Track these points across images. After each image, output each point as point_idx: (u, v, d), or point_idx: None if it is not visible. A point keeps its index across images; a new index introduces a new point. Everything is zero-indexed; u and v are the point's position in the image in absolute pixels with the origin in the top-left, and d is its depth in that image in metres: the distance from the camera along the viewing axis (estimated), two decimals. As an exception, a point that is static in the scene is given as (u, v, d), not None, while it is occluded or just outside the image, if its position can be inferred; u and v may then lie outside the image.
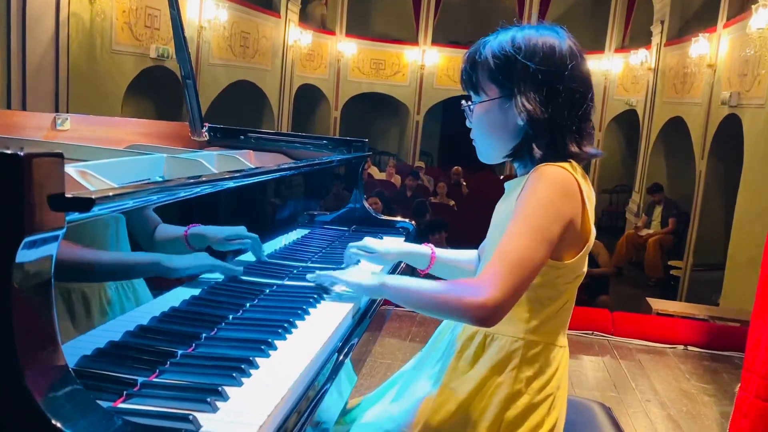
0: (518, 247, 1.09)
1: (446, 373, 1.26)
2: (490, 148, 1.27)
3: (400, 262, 1.67)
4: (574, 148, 1.19)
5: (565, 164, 1.18)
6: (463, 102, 1.29)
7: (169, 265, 1.16)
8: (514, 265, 1.08)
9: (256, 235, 1.46)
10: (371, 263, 1.57)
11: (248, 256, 1.46)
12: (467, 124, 1.29)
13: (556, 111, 1.18)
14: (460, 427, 1.21)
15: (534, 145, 1.18)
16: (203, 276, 1.26)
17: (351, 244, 1.55)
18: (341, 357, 1.16)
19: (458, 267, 1.51)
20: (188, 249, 1.22)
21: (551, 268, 1.17)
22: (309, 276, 1.43)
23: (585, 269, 1.23)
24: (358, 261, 1.56)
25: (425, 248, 1.54)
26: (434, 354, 1.33)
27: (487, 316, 1.07)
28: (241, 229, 1.42)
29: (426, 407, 1.24)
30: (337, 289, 1.40)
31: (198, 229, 1.23)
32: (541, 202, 1.13)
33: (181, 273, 1.20)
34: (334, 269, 1.44)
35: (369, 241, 1.56)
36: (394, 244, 1.60)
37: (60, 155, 0.71)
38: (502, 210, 1.27)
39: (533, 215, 1.12)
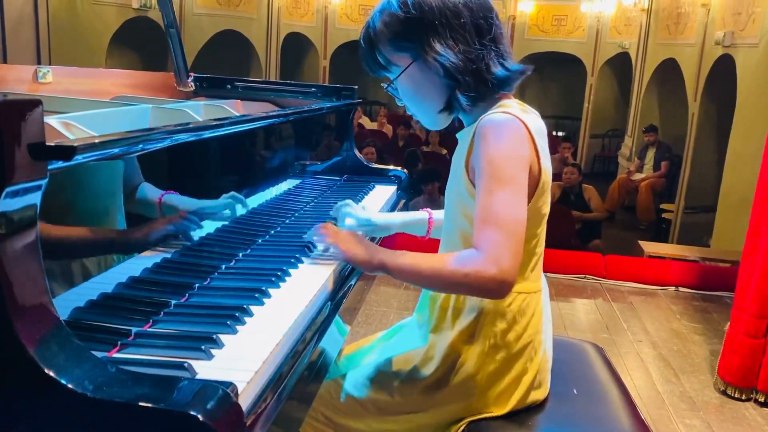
0: (504, 209, 1.05)
1: (432, 328, 1.25)
2: (431, 115, 1.21)
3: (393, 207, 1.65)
4: (500, 71, 1.14)
5: (504, 106, 1.13)
6: (384, 85, 1.24)
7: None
8: (508, 229, 1.04)
9: (230, 199, 1.40)
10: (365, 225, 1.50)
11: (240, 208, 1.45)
12: (398, 102, 1.24)
13: (468, 46, 1.12)
14: (447, 375, 1.21)
15: (460, 94, 1.13)
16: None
17: (346, 222, 1.48)
18: (336, 302, 1.17)
19: None
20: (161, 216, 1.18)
21: None
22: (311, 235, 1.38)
23: (547, 209, 1.19)
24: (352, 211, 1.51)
25: (422, 214, 1.50)
26: (426, 308, 1.33)
27: (499, 289, 1.04)
28: (214, 203, 1.36)
29: (415, 358, 1.25)
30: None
31: (172, 198, 1.18)
32: (503, 152, 1.08)
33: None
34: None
35: (368, 213, 1.51)
36: (391, 216, 1.55)
37: (39, 102, 0.69)
38: (455, 160, 1.22)
39: (501, 169, 1.07)
